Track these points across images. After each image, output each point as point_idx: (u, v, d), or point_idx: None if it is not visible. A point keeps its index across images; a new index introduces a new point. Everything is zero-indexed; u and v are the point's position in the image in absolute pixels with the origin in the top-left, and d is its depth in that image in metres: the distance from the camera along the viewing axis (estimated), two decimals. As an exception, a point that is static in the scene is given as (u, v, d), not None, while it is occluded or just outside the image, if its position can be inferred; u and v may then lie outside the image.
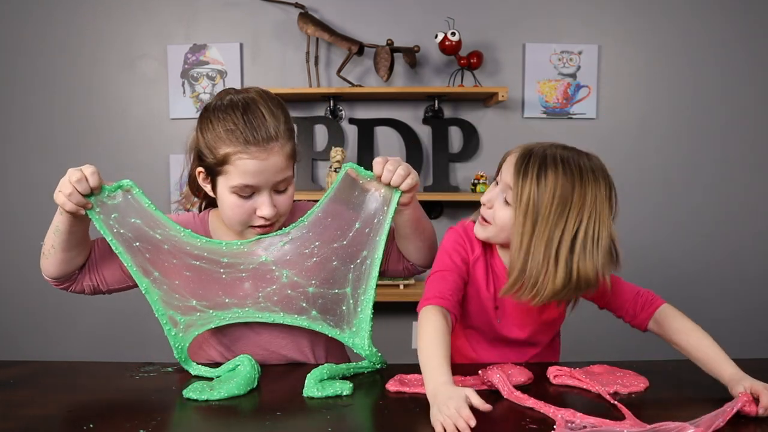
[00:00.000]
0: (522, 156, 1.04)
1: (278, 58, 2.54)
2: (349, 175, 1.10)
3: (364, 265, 1.14)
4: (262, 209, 1.10)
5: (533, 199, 1.00)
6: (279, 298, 1.15)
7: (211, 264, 1.12)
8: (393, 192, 1.09)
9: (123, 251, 1.08)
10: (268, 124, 1.07)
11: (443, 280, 1.09)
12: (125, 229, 1.07)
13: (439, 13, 2.45)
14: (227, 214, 1.12)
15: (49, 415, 0.91)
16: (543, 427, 0.85)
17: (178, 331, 1.12)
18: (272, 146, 1.07)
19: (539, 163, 1.01)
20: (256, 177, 1.07)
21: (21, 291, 2.62)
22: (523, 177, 1.01)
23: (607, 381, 1.03)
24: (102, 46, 2.55)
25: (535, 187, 1.00)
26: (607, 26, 2.53)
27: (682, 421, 0.83)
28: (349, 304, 1.15)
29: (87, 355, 2.58)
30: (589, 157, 1.05)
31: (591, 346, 2.42)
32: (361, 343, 1.13)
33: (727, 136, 2.56)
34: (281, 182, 1.11)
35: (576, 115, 2.56)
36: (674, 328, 1.09)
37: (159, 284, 1.11)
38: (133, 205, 1.07)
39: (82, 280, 1.16)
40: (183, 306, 1.13)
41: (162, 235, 1.09)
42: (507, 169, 1.05)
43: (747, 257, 2.60)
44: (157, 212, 1.08)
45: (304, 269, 1.14)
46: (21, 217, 2.59)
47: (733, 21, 2.52)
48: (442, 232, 1.19)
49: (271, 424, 0.87)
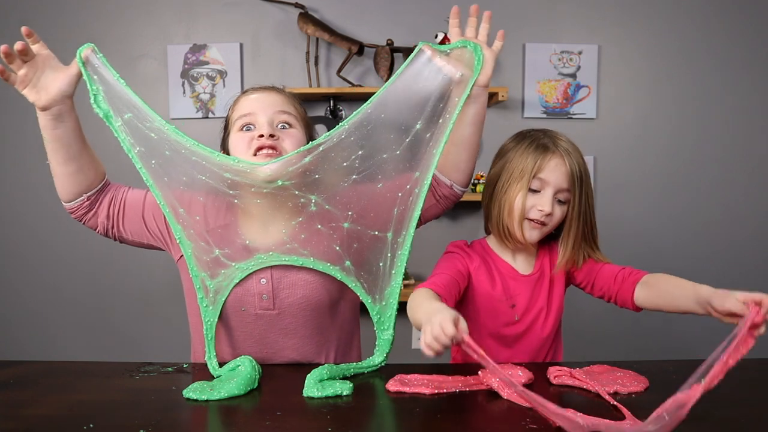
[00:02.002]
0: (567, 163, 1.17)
1: (278, 58, 2.54)
2: (424, 52, 1.01)
3: (412, 195, 1.05)
4: (259, 128, 1.11)
5: (587, 183, 1.19)
6: (308, 236, 1.07)
7: (216, 181, 1.06)
8: (474, 67, 1.01)
9: (153, 184, 1.08)
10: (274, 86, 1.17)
11: (439, 277, 1.15)
12: (135, 139, 1.06)
13: (439, 13, 2.45)
14: (235, 155, 1.12)
15: (49, 415, 0.91)
16: (543, 427, 0.85)
17: (209, 302, 1.13)
18: (272, 89, 1.16)
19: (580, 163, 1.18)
20: (252, 104, 1.13)
21: (21, 291, 2.62)
22: (578, 182, 1.18)
23: (607, 381, 1.03)
24: (102, 46, 2.50)
25: (588, 178, 1.20)
26: (607, 26, 2.53)
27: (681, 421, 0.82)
28: (386, 259, 1.06)
29: (87, 355, 2.58)
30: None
31: (591, 346, 2.42)
32: (387, 323, 1.08)
33: (727, 136, 2.56)
34: (281, 114, 1.13)
35: (576, 115, 2.56)
36: (653, 281, 1.14)
37: (187, 228, 1.11)
38: (115, 90, 1.06)
39: (99, 214, 1.17)
40: (210, 261, 1.12)
41: (155, 132, 1.06)
42: (554, 175, 1.17)
43: (747, 257, 2.60)
44: (127, 88, 1.06)
45: (338, 193, 1.06)
46: (21, 217, 2.59)
47: (732, 21, 2.52)
48: (442, 232, 1.20)
49: (271, 424, 0.87)
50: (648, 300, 1.15)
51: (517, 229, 1.19)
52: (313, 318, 1.18)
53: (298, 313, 1.16)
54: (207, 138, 1.45)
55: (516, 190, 1.18)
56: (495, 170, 1.24)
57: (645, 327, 2.46)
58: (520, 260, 1.27)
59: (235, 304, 1.16)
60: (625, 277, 1.19)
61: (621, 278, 1.20)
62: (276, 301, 1.15)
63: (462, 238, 1.33)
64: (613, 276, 1.21)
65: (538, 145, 1.19)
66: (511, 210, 1.19)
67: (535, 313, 1.25)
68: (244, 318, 1.17)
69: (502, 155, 1.25)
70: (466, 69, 1.06)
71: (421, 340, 0.83)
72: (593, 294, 1.27)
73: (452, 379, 1.04)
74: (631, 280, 1.18)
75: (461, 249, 1.26)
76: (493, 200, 1.22)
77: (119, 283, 2.54)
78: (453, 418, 0.81)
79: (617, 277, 1.20)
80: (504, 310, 1.23)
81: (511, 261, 1.27)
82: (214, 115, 2.53)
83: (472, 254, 1.25)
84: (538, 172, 1.17)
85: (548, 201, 1.17)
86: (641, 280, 1.17)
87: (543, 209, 1.17)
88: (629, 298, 1.18)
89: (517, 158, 1.19)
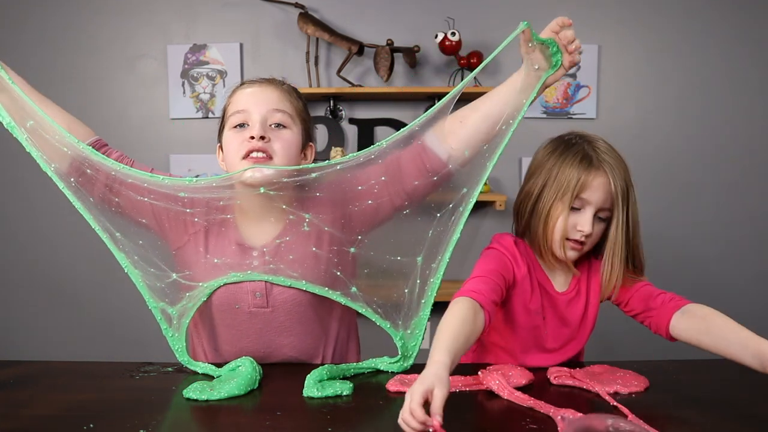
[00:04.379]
0: (611, 181, 1.11)
1: (278, 58, 2.53)
2: (524, 34, 1.01)
3: (455, 215, 0.97)
4: (251, 130, 1.07)
5: (632, 200, 1.14)
6: (298, 258, 1.02)
7: (165, 201, 1.00)
8: (551, 64, 1.02)
9: (80, 206, 1.01)
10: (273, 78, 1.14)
11: (482, 281, 1.08)
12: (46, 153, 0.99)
13: (439, 13, 2.45)
14: (225, 154, 1.11)
15: (49, 415, 0.91)
16: (543, 427, 0.85)
17: (173, 330, 1.11)
18: (269, 83, 1.12)
19: (624, 177, 1.14)
20: (247, 99, 1.09)
21: (21, 291, 2.62)
22: (622, 201, 1.12)
23: (607, 381, 1.03)
24: (102, 45, 2.55)
25: (633, 191, 1.15)
26: (607, 26, 2.53)
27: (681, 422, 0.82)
28: (413, 286, 0.97)
29: (87, 355, 2.58)
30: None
31: (591, 346, 2.42)
32: (410, 352, 1.01)
33: (727, 136, 2.56)
34: (275, 113, 1.09)
35: (576, 115, 2.56)
36: (700, 314, 1.05)
37: (129, 254, 1.03)
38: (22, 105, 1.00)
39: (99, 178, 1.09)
40: (166, 287, 1.06)
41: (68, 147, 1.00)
42: (597, 195, 1.11)
43: (748, 256, 2.60)
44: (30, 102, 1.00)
45: (346, 215, 1.00)
46: (21, 216, 2.59)
47: (733, 20, 2.52)
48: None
49: (271, 424, 0.87)
50: (688, 332, 1.05)
51: (558, 248, 1.13)
52: (307, 315, 1.16)
53: (292, 310, 1.14)
54: (207, 138, 1.45)
55: (558, 210, 1.11)
56: (536, 182, 1.15)
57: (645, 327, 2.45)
58: (558, 276, 1.21)
59: (229, 301, 1.14)
60: (665, 302, 1.11)
61: (660, 302, 1.12)
62: (269, 299, 1.13)
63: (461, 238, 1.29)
64: (652, 297, 1.14)
65: (582, 157, 1.12)
66: (553, 229, 1.13)
67: (564, 332, 1.21)
68: (238, 316, 1.15)
69: (541, 165, 1.16)
70: (544, 64, 1.06)
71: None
72: (627, 313, 1.20)
73: (452, 379, 1.03)
74: (672, 305, 1.10)
75: (510, 251, 1.18)
76: (535, 216, 1.15)
77: (119, 282, 2.53)
78: (453, 418, 0.81)
79: (657, 300, 1.13)
80: (537, 323, 1.19)
81: (550, 274, 1.21)
82: (214, 115, 2.53)
83: (520, 260, 1.18)
84: (581, 191, 1.10)
85: (588, 221, 1.11)
86: (683, 308, 1.08)
87: (583, 230, 1.11)
88: (664, 324, 1.10)
89: (560, 173, 1.12)
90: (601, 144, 1.14)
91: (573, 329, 1.21)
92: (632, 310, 1.17)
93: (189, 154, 2.53)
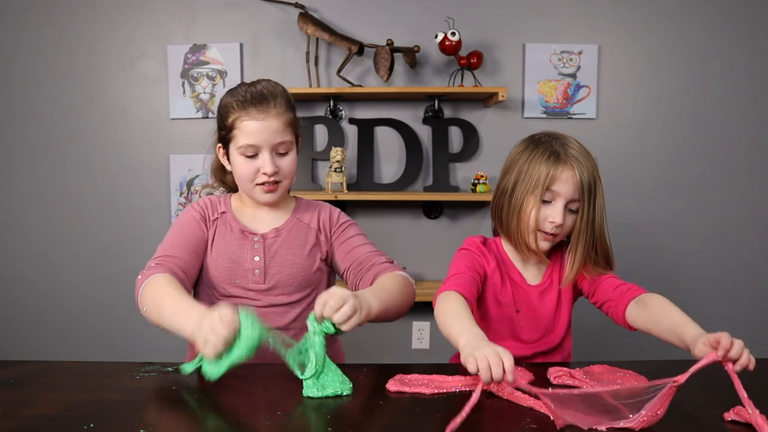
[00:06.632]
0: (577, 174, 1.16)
1: (278, 58, 2.53)
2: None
3: None
4: (264, 167, 1.26)
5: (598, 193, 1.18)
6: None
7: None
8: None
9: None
10: (266, 92, 1.27)
11: (461, 277, 1.16)
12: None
13: (439, 13, 2.45)
14: (237, 174, 1.30)
15: (49, 415, 0.91)
16: (543, 427, 0.85)
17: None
18: (269, 110, 1.26)
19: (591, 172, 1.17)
20: (257, 136, 1.25)
21: (21, 291, 2.62)
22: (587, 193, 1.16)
23: (607, 381, 1.03)
24: (102, 46, 2.55)
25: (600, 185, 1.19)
26: (607, 26, 2.53)
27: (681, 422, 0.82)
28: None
29: (87, 355, 2.58)
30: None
31: (591, 346, 2.42)
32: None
33: (727, 136, 2.56)
34: (281, 145, 1.28)
35: (576, 115, 2.56)
36: (649, 302, 1.12)
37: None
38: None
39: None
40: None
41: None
42: (566, 187, 1.17)
43: (747, 256, 2.60)
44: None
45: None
46: (21, 217, 2.58)
47: (733, 20, 2.52)
48: (442, 232, 1.20)
49: (271, 424, 0.87)
50: (639, 321, 1.13)
51: (531, 240, 1.20)
52: (301, 293, 1.32)
53: (286, 289, 1.31)
54: (207, 138, 1.46)
55: (530, 203, 1.18)
56: (509, 180, 1.22)
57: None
58: (530, 269, 1.28)
59: (229, 276, 1.30)
60: (623, 292, 1.18)
61: (619, 292, 1.18)
62: (266, 277, 1.30)
63: (461, 238, 1.33)
64: (612, 288, 1.20)
65: (550, 153, 1.17)
66: (526, 222, 1.19)
67: (539, 324, 1.26)
68: (236, 292, 1.30)
69: (514, 163, 1.23)
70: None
71: (466, 359, 0.87)
72: (595, 305, 1.26)
73: (452, 379, 1.04)
74: (629, 296, 1.16)
75: (478, 248, 1.26)
76: (510, 211, 1.21)
77: (119, 282, 2.54)
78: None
79: (616, 290, 1.19)
80: (511, 315, 1.25)
81: (522, 268, 1.27)
82: (214, 115, 2.52)
83: (488, 255, 1.25)
84: (550, 184, 1.16)
85: (559, 212, 1.17)
86: (637, 298, 1.15)
87: (554, 221, 1.17)
88: (621, 312, 1.16)
89: (530, 169, 1.18)
90: (569, 141, 1.21)
91: (548, 320, 1.27)
92: (597, 301, 1.24)
93: (189, 154, 2.53)
